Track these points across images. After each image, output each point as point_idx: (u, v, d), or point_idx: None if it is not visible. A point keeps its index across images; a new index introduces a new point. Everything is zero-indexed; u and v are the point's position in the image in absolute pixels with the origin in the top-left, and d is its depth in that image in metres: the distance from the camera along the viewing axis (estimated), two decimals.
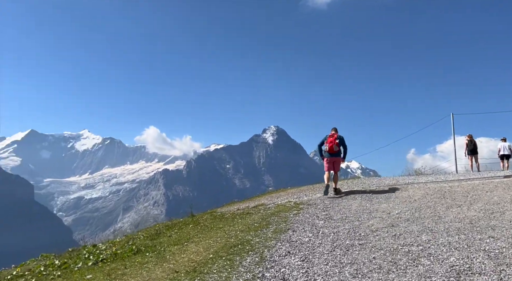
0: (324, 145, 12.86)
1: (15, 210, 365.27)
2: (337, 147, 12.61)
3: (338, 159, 12.80)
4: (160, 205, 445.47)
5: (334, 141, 12.67)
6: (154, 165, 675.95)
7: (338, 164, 12.88)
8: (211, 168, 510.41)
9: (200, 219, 10.56)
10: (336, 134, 12.95)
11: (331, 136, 12.83)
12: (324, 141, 12.95)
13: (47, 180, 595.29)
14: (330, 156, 12.72)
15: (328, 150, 12.63)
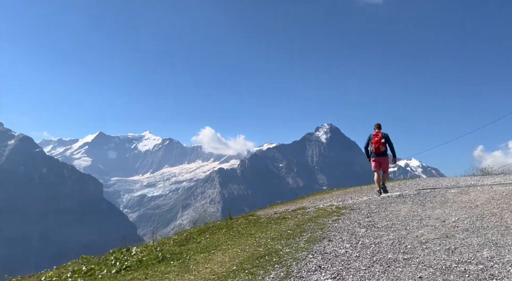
0: (370, 146, 12.31)
1: (87, 207, 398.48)
2: (383, 147, 12.03)
3: (385, 158, 12.27)
4: (216, 203, 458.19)
5: (379, 140, 12.06)
6: (210, 164, 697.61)
7: (386, 163, 12.29)
8: (264, 166, 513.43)
9: (234, 223, 10.15)
10: (381, 133, 12.21)
11: (375, 136, 12.21)
12: (369, 142, 12.39)
13: (114, 178, 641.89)
14: (377, 156, 12.19)
15: (374, 150, 12.09)
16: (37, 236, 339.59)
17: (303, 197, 15.03)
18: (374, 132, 12.36)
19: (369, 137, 12.40)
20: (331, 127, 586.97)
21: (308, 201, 12.64)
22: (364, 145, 12.81)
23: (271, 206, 13.70)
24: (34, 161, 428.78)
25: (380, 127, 12.44)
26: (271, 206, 13.66)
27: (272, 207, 13.37)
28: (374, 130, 12.53)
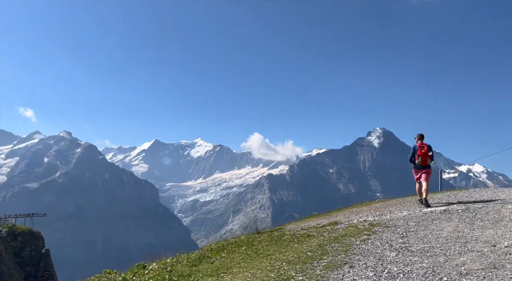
0: (416, 158, 12.02)
1: (145, 211, 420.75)
2: (429, 160, 11.86)
3: (429, 170, 12.06)
4: (266, 209, 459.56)
5: (426, 153, 11.85)
6: (259, 170, 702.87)
7: (428, 174, 12.04)
8: (313, 172, 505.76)
9: (256, 240, 9.61)
10: (426, 145, 11.99)
11: (421, 148, 11.95)
12: (415, 153, 12.11)
13: (168, 184, 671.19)
14: (421, 168, 12.04)
15: (421, 163, 11.87)
16: (101, 239, 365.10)
17: (341, 209, 14.39)
18: (419, 144, 12.07)
19: (415, 149, 12.11)
20: (384, 132, 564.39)
21: (343, 214, 11.98)
22: (409, 157, 12.42)
23: (305, 219, 13.22)
24: (97, 168, 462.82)
25: (423, 138, 12.17)
26: (305, 219, 13.13)
27: (306, 219, 12.81)
28: (417, 142, 12.25)
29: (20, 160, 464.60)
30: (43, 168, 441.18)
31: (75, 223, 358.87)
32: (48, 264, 71.78)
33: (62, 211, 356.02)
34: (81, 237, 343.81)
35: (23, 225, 73.76)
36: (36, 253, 69.64)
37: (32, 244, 69.80)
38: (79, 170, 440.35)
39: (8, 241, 64.11)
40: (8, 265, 60.40)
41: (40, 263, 69.44)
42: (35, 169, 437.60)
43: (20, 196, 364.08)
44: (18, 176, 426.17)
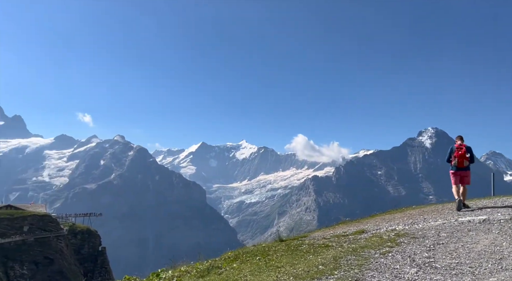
0: (453, 159, 11.63)
1: (193, 212, 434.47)
2: (467, 162, 11.40)
3: (467, 172, 11.66)
4: (311, 211, 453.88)
5: (464, 154, 11.38)
6: (304, 172, 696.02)
7: (468, 177, 11.68)
8: (361, 174, 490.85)
9: (271, 249, 9.06)
10: (464, 146, 11.52)
11: (459, 149, 11.50)
12: (451, 155, 11.71)
13: (215, 185, 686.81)
14: (458, 170, 11.60)
15: (457, 164, 11.46)
16: (152, 238, 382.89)
17: (374, 215, 13.72)
18: (457, 145, 11.63)
19: (451, 150, 11.71)
20: (436, 132, 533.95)
21: (374, 222, 11.41)
22: (446, 158, 12.06)
23: (334, 226, 12.70)
24: (148, 170, 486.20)
25: (462, 140, 11.76)
26: (335, 226, 12.59)
27: (335, 226, 12.34)
28: (456, 143, 11.87)
29: (80, 163, 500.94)
30: (99, 170, 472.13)
31: (129, 223, 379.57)
32: (105, 261, 76.87)
33: (117, 211, 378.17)
34: (135, 236, 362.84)
35: (81, 224, 79.66)
36: (93, 251, 74.94)
37: (90, 242, 75.24)
38: (132, 172, 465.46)
39: (69, 238, 69.64)
40: (69, 261, 65.63)
41: (98, 260, 74.59)
42: (93, 171, 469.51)
43: (80, 197, 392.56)
44: (78, 177, 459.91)
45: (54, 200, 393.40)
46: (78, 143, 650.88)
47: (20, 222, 61.93)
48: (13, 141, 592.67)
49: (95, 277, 69.32)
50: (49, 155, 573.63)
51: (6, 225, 59.66)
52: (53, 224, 66.08)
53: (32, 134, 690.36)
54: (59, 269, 61.57)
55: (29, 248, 59.14)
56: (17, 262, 55.98)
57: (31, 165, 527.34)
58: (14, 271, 55.00)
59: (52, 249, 62.34)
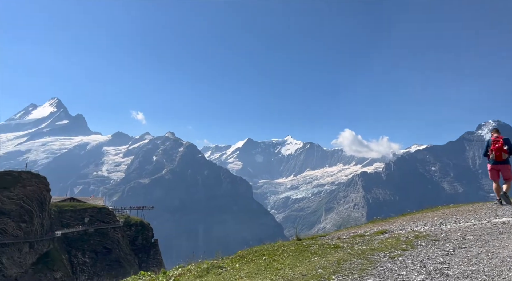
0: (490, 153, 11.08)
1: (239, 206, 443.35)
2: (506, 154, 10.78)
3: (507, 166, 10.90)
4: (360, 208, 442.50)
5: (501, 147, 10.80)
6: (352, 168, 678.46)
7: (507, 171, 10.88)
8: (413, 170, 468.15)
9: (280, 249, 8.72)
10: (502, 138, 10.95)
11: (495, 142, 10.93)
12: (488, 148, 11.17)
13: (261, 181, 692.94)
14: (497, 164, 10.93)
15: (495, 158, 10.87)
16: (202, 231, 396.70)
17: (405, 214, 13.12)
18: (493, 138, 11.05)
19: (488, 144, 11.15)
20: (499, 124, 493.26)
21: (401, 221, 10.85)
22: (483, 152, 11.53)
23: (360, 225, 12.45)
24: (198, 165, 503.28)
25: (499, 132, 11.19)
26: (360, 225, 12.40)
27: (362, 226, 12.02)
28: (492, 136, 11.29)
29: (135, 159, 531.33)
30: (152, 165, 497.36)
31: (180, 215, 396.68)
32: (157, 252, 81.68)
33: (168, 205, 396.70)
34: (185, 228, 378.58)
35: (135, 216, 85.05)
36: (146, 242, 79.90)
37: (143, 234, 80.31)
38: (182, 167, 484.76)
39: (125, 230, 74.92)
40: (125, 252, 70.72)
41: (150, 251, 79.48)
42: (146, 166, 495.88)
43: (134, 190, 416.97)
44: (134, 172, 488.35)
45: (112, 194, 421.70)
46: (133, 139, 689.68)
47: (82, 213, 67.93)
48: (76, 138, 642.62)
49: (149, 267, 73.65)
50: (107, 151, 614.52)
51: (69, 216, 65.74)
52: (110, 216, 71.53)
53: (92, 132, 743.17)
54: (116, 258, 66.65)
55: (90, 238, 64.70)
56: (79, 251, 61.50)
57: (91, 160, 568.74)
58: (77, 259, 60.52)
59: (110, 239, 67.59)
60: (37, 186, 51.24)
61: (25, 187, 49.29)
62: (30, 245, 49.81)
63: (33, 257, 50.08)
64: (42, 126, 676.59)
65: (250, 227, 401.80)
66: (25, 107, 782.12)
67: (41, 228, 51.90)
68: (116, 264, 65.63)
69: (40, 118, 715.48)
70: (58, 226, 61.45)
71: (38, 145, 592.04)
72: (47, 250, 53.29)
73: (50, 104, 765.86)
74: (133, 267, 67.95)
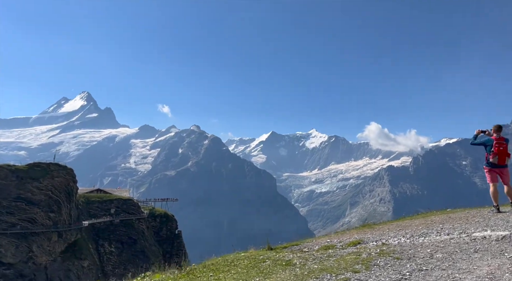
0: (492, 156, 9.99)
1: (263, 199, 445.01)
2: (509, 159, 9.93)
3: (507, 169, 10.09)
4: (386, 202, 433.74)
5: (506, 150, 9.89)
6: (378, 161, 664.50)
7: (507, 175, 10.02)
8: (442, 164, 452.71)
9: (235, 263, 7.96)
10: (505, 140, 9.97)
11: (500, 143, 9.88)
12: (489, 147, 10.11)
13: (285, 174, 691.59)
14: (499, 168, 9.95)
15: (498, 161, 9.85)
16: (227, 222, 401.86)
17: (394, 220, 12.42)
18: (496, 139, 9.92)
19: (488, 141, 10.04)
20: None
21: (381, 230, 9.84)
22: (474, 142, 10.48)
23: (343, 232, 11.53)
24: (222, 158, 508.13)
25: (501, 131, 10.04)
26: (343, 232, 11.45)
27: (342, 233, 11.17)
28: (492, 134, 10.14)
29: (161, 151, 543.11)
30: (178, 158, 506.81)
31: (205, 207, 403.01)
32: (181, 244, 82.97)
33: (194, 196, 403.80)
34: (210, 219, 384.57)
35: (160, 208, 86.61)
36: (171, 233, 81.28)
37: (168, 225, 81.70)
38: (207, 159, 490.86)
39: (149, 221, 76.47)
40: (150, 242, 72.23)
41: (174, 243, 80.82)
42: (172, 159, 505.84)
43: (161, 182, 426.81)
44: (160, 165, 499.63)
45: (139, 185, 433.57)
46: (159, 132, 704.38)
47: (108, 204, 69.76)
48: (105, 131, 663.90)
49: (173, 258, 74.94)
50: (134, 143, 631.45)
51: (96, 207, 67.66)
52: (135, 208, 73.13)
53: (120, 124, 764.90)
54: (141, 248, 68.18)
55: (116, 229, 66.40)
56: (106, 241, 63.28)
57: (120, 152, 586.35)
58: (104, 249, 62.31)
59: (135, 230, 69.15)
60: (64, 177, 52.85)
61: (53, 178, 50.92)
62: (59, 234, 51.57)
63: (62, 246, 51.86)
64: (73, 119, 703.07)
65: (274, 220, 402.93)
66: (58, 101, 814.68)
67: (69, 218, 53.61)
68: (141, 254, 67.19)
69: (72, 111, 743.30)
70: (85, 216, 63.37)
71: (70, 137, 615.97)
72: (75, 239, 55.07)
73: (80, 97, 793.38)
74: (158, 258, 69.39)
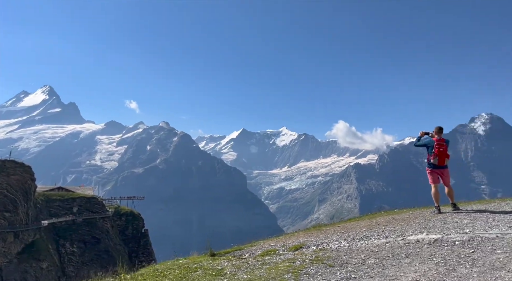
0: (433, 157, 10.16)
1: (234, 196, 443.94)
2: (448, 160, 10.16)
3: (447, 170, 10.32)
4: (353, 199, 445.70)
5: (446, 151, 10.09)
6: (346, 159, 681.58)
7: (448, 176, 10.34)
8: (406, 162, 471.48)
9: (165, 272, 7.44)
10: (445, 142, 10.12)
11: (440, 145, 10.05)
12: (430, 148, 10.29)
13: (255, 172, 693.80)
14: (437, 168, 10.19)
15: (438, 162, 10.07)
16: (196, 220, 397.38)
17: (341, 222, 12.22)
18: (437, 140, 10.11)
19: (430, 143, 10.22)
20: (491, 117, 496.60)
21: (327, 233, 9.65)
22: (418, 143, 10.69)
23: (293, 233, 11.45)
24: (192, 155, 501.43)
25: (442, 132, 10.26)
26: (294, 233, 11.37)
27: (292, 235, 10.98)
28: (434, 136, 10.30)
29: (128, 148, 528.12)
30: (146, 155, 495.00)
31: (174, 205, 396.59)
32: (147, 243, 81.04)
33: (162, 194, 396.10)
34: (179, 217, 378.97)
35: (126, 206, 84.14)
36: (137, 232, 79.16)
37: (134, 224, 79.51)
38: (176, 157, 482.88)
39: (115, 220, 74.14)
40: (114, 241, 69.98)
41: (141, 241, 78.79)
42: (140, 156, 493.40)
43: (128, 180, 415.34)
44: (127, 162, 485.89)
45: (106, 183, 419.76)
46: (126, 128, 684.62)
47: (70, 203, 66.91)
48: (69, 127, 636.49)
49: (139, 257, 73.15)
50: (100, 140, 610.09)
51: (57, 206, 64.69)
52: (99, 206, 70.64)
53: (85, 120, 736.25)
54: (105, 248, 65.93)
55: (78, 228, 63.80)
56: (67, 241, 60.66)
57: (85, 149, 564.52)
58: (65, 249, 59.67)
59: (99, 229, 66.77)
60: (21, 175, 50.01)
61: (9, 176, 48.05)
62: (15, 234, 48.80)
63: (18, 247, 49.14)
64: (34, 114, 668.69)
65: (244, 217, 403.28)
66: (17, 95, 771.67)
67: (26, 218, 50.84)
68: (105, 254, 64.96)
69: (32, 105, 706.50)
70: (45, 216, 60.40)
71: (30, 133, 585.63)
72: (33, 239, 52.33)
73: (42, 91, 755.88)
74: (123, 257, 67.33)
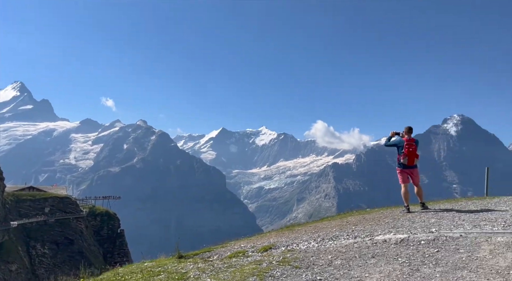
0: (402, 157, 10.30)
1: (214, 196, 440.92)
2: (417, 160, 10.30)
3: (416, 170, 10.50)
4: (331, 198, 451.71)
5: (415, 151, 10.20)
6: (324, 159, 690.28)
7: (417, 176, 10.53)
8: (382, 162, 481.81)
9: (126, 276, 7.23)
10: (414, 142, 10.25)
11: (409, 145, 10.17)
12: (400, 148, 10.43)
13: (235, 171, 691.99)
14: (407, 168, 10.38)
15: (407, 162, 10.22)
16: (174, 220, 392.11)
17: (314, 221, 12.29)
18: (407, 140, 10.22)
19: (400, 143, 10.37)
20: (462, 119, 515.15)
21: (298, 233, 9.63)
22: (388, 143, 10.80)
23: (265, 234, 11.39)
24: (170, 154, 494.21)
25: (411, 133, 10.37)
26: (265, 234, 11.32)
27: (264, 235, 10.90)
28: (403, 136, 10.44)
29: (104, 146, 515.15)
30: (122, 154, 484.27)
31: (151, 204, 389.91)
32: (123, 243, 79.22)
33: (140, 194, 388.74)
34: (157, 217, 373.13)
35: (101, 206, 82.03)
36: (112, 232, 77.31)
37: (109, 224, 77.55)
38: (154, 156, 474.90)
39: (89, 220, 72.11)
40: (89, 242, 68.08)
41: (116, 242, 76.97)
42: (116, 155, 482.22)
43: (104, 179, 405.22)
44: (103, 160, 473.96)
45: (80, 182, 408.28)
46: (102, 127, 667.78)
47: (42, 203, 64.50)
48: (41, 124, 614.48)
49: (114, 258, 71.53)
50: (75, 138, 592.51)
51: (28, 206, 62.30)
52: (73, 206, 68.50)
53: (59, 118, 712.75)
54: (79, 249, 63.99)
55: (50, 229, 61.64)
56: (38, 242, 58.54)
57: (58, 147, 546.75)
58: (36, 251, 57.58)
59: (72, 230, 64.73)
60: None
61: None
62: None
63: None
64: (4, 111, 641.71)
65: (223, 216, 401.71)
66: None
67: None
68: (78, 255, 63.01)
69: (2, 102, 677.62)
70: (14, 216, 57.96)
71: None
72: (1, 241, 50.16)
73: (12, 88, 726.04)
74: (97, 258, 65.69)
